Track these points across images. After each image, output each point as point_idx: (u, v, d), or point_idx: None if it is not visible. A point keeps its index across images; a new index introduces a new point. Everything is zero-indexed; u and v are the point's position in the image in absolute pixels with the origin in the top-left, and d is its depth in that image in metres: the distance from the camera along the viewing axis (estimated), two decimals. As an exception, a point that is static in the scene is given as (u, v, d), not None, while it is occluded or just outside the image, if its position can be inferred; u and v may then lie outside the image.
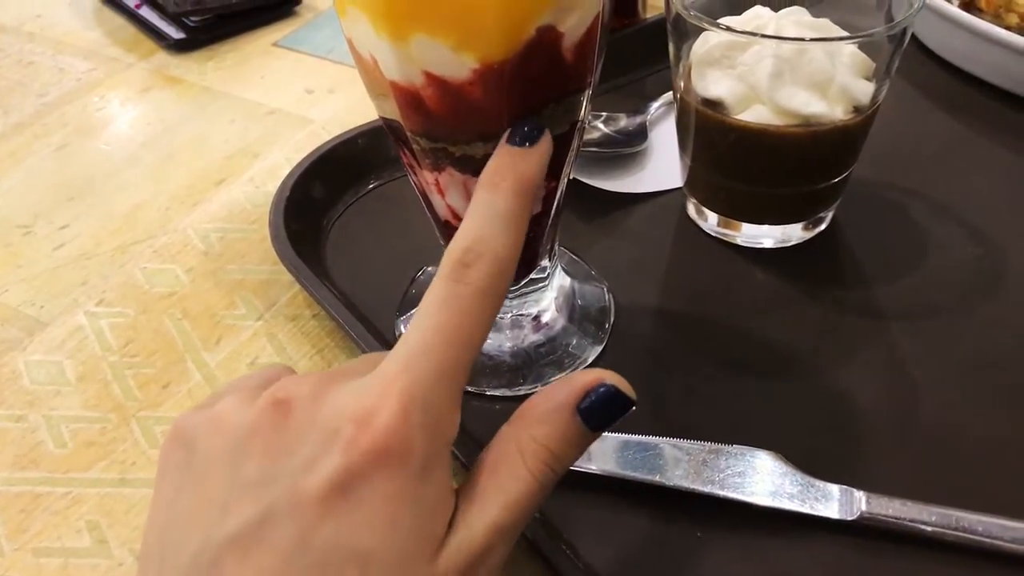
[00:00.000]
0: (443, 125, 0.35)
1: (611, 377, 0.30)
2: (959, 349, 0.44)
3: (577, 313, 0.46)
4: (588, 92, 0.36)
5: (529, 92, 0.34)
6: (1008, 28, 0.61)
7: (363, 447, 0.26)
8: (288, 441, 0.27)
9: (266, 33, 0.74)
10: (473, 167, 0.36)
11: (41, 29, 0.76)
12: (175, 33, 0.73)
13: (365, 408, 0.27)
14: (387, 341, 0.45)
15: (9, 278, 0.52)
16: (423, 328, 0.28)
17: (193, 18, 0.72)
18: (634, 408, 0.30)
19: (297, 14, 0.76)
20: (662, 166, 0.55)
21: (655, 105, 0.60)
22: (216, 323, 0.49)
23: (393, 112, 0.36)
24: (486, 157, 0.36)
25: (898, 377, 0.43)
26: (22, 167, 0.61)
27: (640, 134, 0.57)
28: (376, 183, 0.55)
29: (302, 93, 0.66)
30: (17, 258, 0.54)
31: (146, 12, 0.75)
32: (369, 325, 0.45)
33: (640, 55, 0.62)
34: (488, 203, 0.31)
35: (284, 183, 0.51)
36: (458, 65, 0.32)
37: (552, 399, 0.30)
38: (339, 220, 0.53)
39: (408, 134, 0.36)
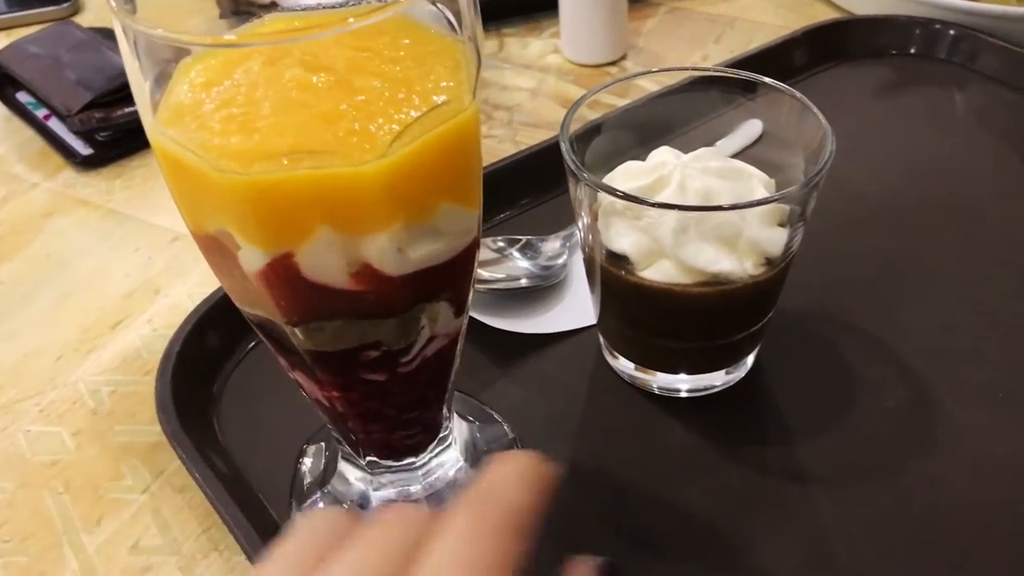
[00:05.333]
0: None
1: None
2: (884, 514, 0.41)
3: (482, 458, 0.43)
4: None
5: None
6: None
7: None
8: None
9: (179, 145, 0.71)
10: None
11: (-56, 143, 0.73)
12: (83, 149, 0.70)
13: None
14: (274, 522, 0.42)
15: None
16: None
17: (102, 133, 0.69)
18: None
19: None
20: (581, 298, 0.52)
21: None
22: (99, 498, 0.45)
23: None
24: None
25: (820, 551, 0.40)
26: (-91, 309, 0.57)
27: (559, 262, 0.55)
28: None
29: (211, 215, 0.63)
30: None
31: (55, 124, 0.72)
32: (256, 503, 0.42)
33: (559, 169, 0.59)
34: None
35: (169, 348, 0.48)
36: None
37: None
38: (236, 371, 0.50)
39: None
